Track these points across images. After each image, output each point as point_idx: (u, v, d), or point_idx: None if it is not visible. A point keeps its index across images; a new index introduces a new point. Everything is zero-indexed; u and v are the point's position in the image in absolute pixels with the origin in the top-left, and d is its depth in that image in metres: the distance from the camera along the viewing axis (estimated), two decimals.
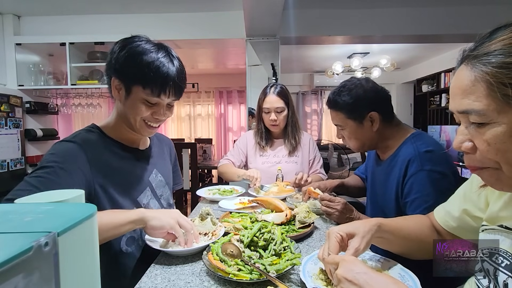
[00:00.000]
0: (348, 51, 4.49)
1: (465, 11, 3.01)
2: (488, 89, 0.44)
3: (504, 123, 0.44)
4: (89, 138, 0.89)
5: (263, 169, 1.67)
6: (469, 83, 0.47)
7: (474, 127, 0.48)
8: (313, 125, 6.26)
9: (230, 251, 0.75)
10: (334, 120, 1.16)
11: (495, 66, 0.44)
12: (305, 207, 1.05)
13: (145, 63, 0.83)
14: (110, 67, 0.89)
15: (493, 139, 0.46)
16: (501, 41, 0.45)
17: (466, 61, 0.48)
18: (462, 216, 0.71)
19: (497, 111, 0.44)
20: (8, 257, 0.21)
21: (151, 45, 0.87)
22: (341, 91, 1.11)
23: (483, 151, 0.48)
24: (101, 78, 3.02)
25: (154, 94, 0.85)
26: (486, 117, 0.46)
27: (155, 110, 0.90)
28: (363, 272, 0.54)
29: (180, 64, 0.91)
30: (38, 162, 3.12)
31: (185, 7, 2.95)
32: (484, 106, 0.45)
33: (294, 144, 1.70)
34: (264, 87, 1.73)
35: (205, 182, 4.89)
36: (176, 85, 0.88)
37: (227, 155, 1.82)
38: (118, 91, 0.89)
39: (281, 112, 1.65)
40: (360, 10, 3.05)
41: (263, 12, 2.42)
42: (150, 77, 0.83)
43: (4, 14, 2.98)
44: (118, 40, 0.89)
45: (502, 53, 0.44)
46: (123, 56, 0.85)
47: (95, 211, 0.34)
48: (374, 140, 1.13)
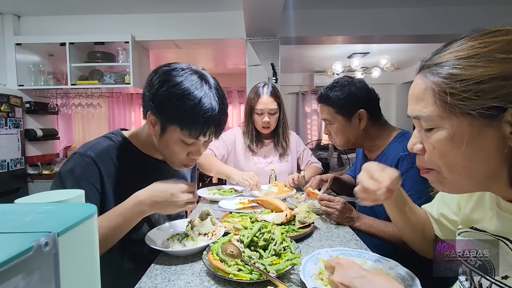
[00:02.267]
0: (348, 51, 4.49)
1: (465, 11, 3.01)
2: (434, 97, 0.49)
3: (446, 128, 0.49)
4: (107, 149, 0.87)
5: (255, 170, 1.63)
6: (421, 90, 0.51)
7: (424, 131, 0.53)
8: (313, 125, 6.25)
9: (230, 251, 0.75)
10: (323, 114, 1.19)
11: (441, 77, 0.47)
12: (305, 207, 1.05)
13: (187, 107, 0.76)
14: (146, 101, 0.81)
15: (437, 142, 0.51)
16: (451, 53, 0.48)
17: (422, 71, 0.52)
18: (440, 219, 0.75)
19: (441, 117, 0.49)
20: (8, 257, 0.21)
21: (193, 81, 0.78)
22: (334, 87, 1.15)
23: (429, 153, 0.53)
24: (101, 78, 3.02)
25: (192, 137, 0.80)
26: (432, 123, 0.50)
27: (191, 150, 0.85)
28: (360, 276, 0.53)
29: (223, 101, 0.83)
30: (38, 162, 3.11)
31: (185, 7, 2.95)
32: (430, 112, 0.50)
33: (285, 146, 1.68)
34: (254, 87, 1.65)
35: (205, 182, 4.89)
36: (217, 126, 0.82)
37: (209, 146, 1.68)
38: (153, 126, 0.83)
39: (274, 114, 1.61)
40: (360, 10, 3.06)
41: (263, 12, 2.42)
42: (190, 120, 0.77)
43: (4, 14, 2.98)
44: (158, 70, 0.82)
45: (449, 65, 0.47)
46: (162, 95, 0.77)
47: (95, 211, 0.33)
48: (359, 138, 1.17)
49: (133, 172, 0.90)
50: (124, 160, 0.89)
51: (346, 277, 0.54)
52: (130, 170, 0.90)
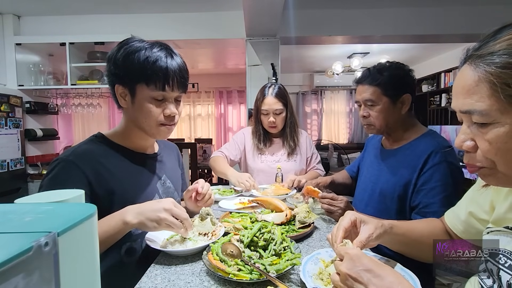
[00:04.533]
0: (348, 51, 4.49)
1: (465, 11, 3.01)
2: (491, 89, 0.44)
3: (507, 124, 0.44)
4: (89, 151, 0.88)
5: (263, 168, 1.66)
6: (472, 83, 0.47)
7: (477, 126, 0.48)
8: (313, 125, 6.25)
9: (230, 251, 0.75)
10: (365, 95, 1.15)
11: (498, 67, 0.43)
12: (305, 207, 1.05)
13: (143, 59, 0.83)
14: (110, 74, 0.88)
15: (495, 139, 0.46)
16: (506, 41, 0.44)
17: (470, 61, 0.48)
18: (468, 218, 0.71)
19: (500, 111, 0.44)
20: (8, 257, 0.21)
21: (145, 43, 0.87)
22: (382, 68, 1.14)
23: (484, 150, 0.48)
24: (101, 78, 3.02)
25: (158, 88, 0.85)
26: (488, 117, 0.46)
27: (164, 107, 0.89)
28: (368, 270, 0.53)
29: (179, 57, 0.90)
30: (38, 162, 3.11)
31: (185, 7, 2.95)
32: (487, 106, 0.45)
33: (293, 145, 1.69)
34: (262, 88, 1.69)
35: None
36: (178, 76, 0.87)
37: (221, 149, 1.75)
38: (123, 98, 0.88)
39: (279, 114, 1.63)
40: (360, 10, 3.06)
41: (263, 12, 2.42)
42: (150, 72, 0.83)
43: (4, 14, 2.98)
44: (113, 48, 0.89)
45: (507, 53, 0.43)
46: (120, 58, 0.84)
47: (95, 211, 0.33)
48: (396, 124, 1.17)
49: (120, 168, 0.91)
50: (108, 157, 0.90)
51: (354, 269, 0.53)
52: (116, 166, 0.90)
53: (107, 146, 0.92)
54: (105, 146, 0.92)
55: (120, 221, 0.77)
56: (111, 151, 0.92)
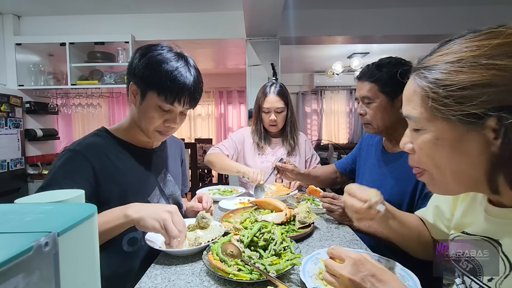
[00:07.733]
0: (348, 51, 4.49)
1: (465, 11, 3.01)
2: (421, 99, 0.50)
3: (431, 131, 0.50)
4: (95, 143, 0.91)
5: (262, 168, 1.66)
6: (411, 92, 0.52)
7: (414, 131, 0.54)
8: (313, 125, 6.25)
9: (230, 251, 0.75)
10: (362, 92, 1.11)
11: (427, 81, 0.48)
12: (305, 207, 1.05)
13: (163, 72, 0.85)
14: (129, 72, 0.91)
15: (423, 144, 0.52)
16: (436, 57, 0.48)
17: (414, 72, 0.52)
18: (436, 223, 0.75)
19: (427, 119, 0.50)
20: (8, 257, 0.21)
21: (171, 54, 0.88)
22: (382, 64, 1.09)
23: (417, 153, 0.54)
24: (101, 78, 3.02)
25: (168, 101, 0.87)
26: (419, 124, 0.51)
27: (167, 117, 0.91)
28: (371, 275, 0.53)
29: (198, 75, 0.93)
30: (38, 162, 3.10)
31: (185, 7, 2.95)
32: (418, 114, 0.51)
33: (292, 144, 1.69)
34: (263, 86, 1.70)
35: (205, 182, 4.89)
36: (191, 95, 0.90)
37: (218, 145, 1.74)
38: (134, 96, 0.91)
39: (281, 113, 1.64)
40: (360, 10, 3.06)
41: (263, 12, 2.42)
42: (166, 85, 0.85)
43: (4, 14, 2.98)
44: (141, 47, 0.91)
45: (436, 69, 0.47)
46: (143, 63, 0.86)
47: (95, 211, 0.34)
48: (395, 124, 1.09)
49: (123, 161, 0.93)
50: (112, 150, 0.92)
51: (358, 275, 0.53)
52: (119, 159, 0.92)
53: (110, 140, 0.95)
54: (108, 140, 0.94)
55: (121, 213, 0.78)
56: (114, 144, 0.94)
